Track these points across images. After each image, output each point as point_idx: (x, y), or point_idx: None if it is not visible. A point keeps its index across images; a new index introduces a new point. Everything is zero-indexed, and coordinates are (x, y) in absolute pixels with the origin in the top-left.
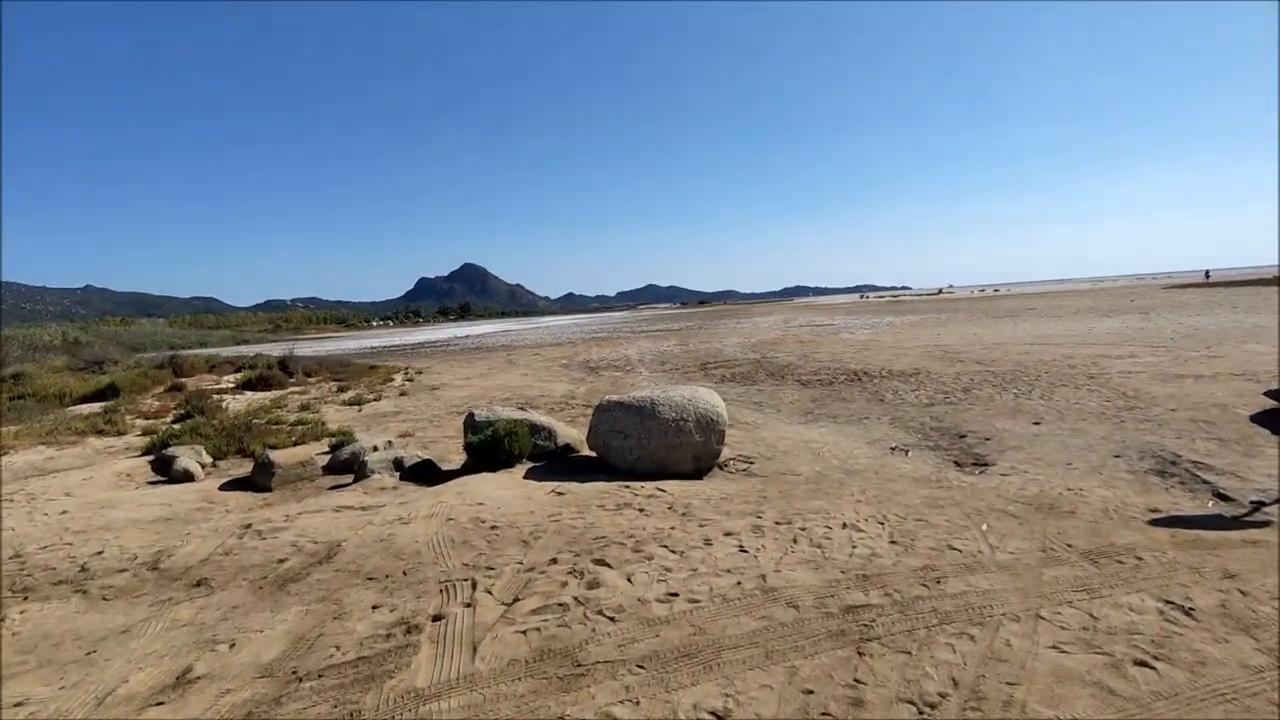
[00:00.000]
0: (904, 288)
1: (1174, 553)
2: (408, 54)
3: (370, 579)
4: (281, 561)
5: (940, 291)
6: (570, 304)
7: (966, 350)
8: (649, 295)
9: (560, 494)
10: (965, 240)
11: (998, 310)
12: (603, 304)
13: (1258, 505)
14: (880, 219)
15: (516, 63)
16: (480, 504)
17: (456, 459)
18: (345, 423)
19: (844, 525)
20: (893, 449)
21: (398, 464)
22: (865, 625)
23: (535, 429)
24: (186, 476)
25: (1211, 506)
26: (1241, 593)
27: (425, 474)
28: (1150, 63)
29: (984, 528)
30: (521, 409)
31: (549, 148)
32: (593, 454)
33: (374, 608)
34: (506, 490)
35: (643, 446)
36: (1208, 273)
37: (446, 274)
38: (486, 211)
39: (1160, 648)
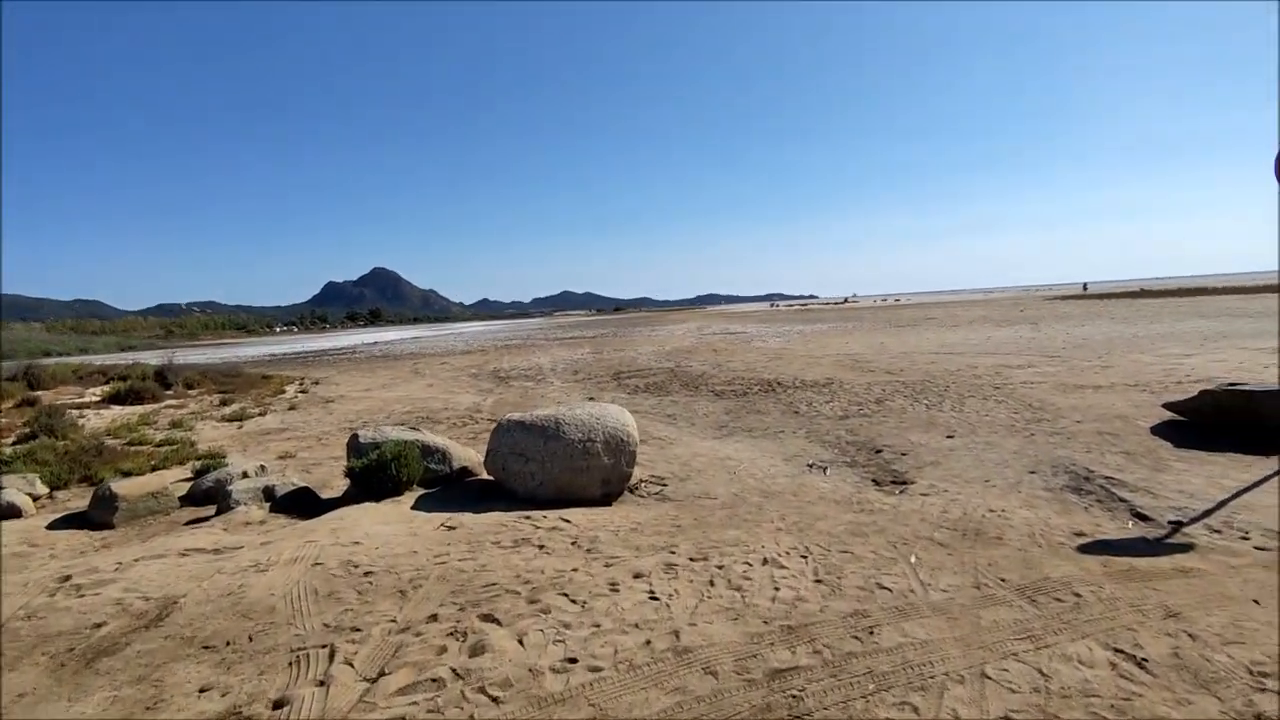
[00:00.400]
0: (811, 296)
1: (1111, 586)
2: (313, 47)
3: (207, 648)
4: (98, 627)
5: (846, 300)
6: (485, 310)
7: (875, 359)
8: (565, 301)
9: (451, 528)
10: (868, 252)
11: (900, 319)
12: (519, 310)
13: (1176, 526)
14: (789, 230)
15: (430, 63)
16: (356, 543)
17: (341, 484)
18: (220, 442)
19: (765, 561)
20: (810, 466)
21: (269, 493)
22: (794, 696)
23: (428, 451)
24: (11, 512)
25: (1132, 527)
26: (1191, 637)
27: (301, 504)
28: (1036, 87)
29: (913, 560)
30: (413, 428)
31: (465, 152)
32: (492, 478)
33: (201, 691)
34: (390, 524)
35: (546, 471)
36: (1085, 285)
37: (356, 278)
38: (399, 215)
39: (1122, 714)
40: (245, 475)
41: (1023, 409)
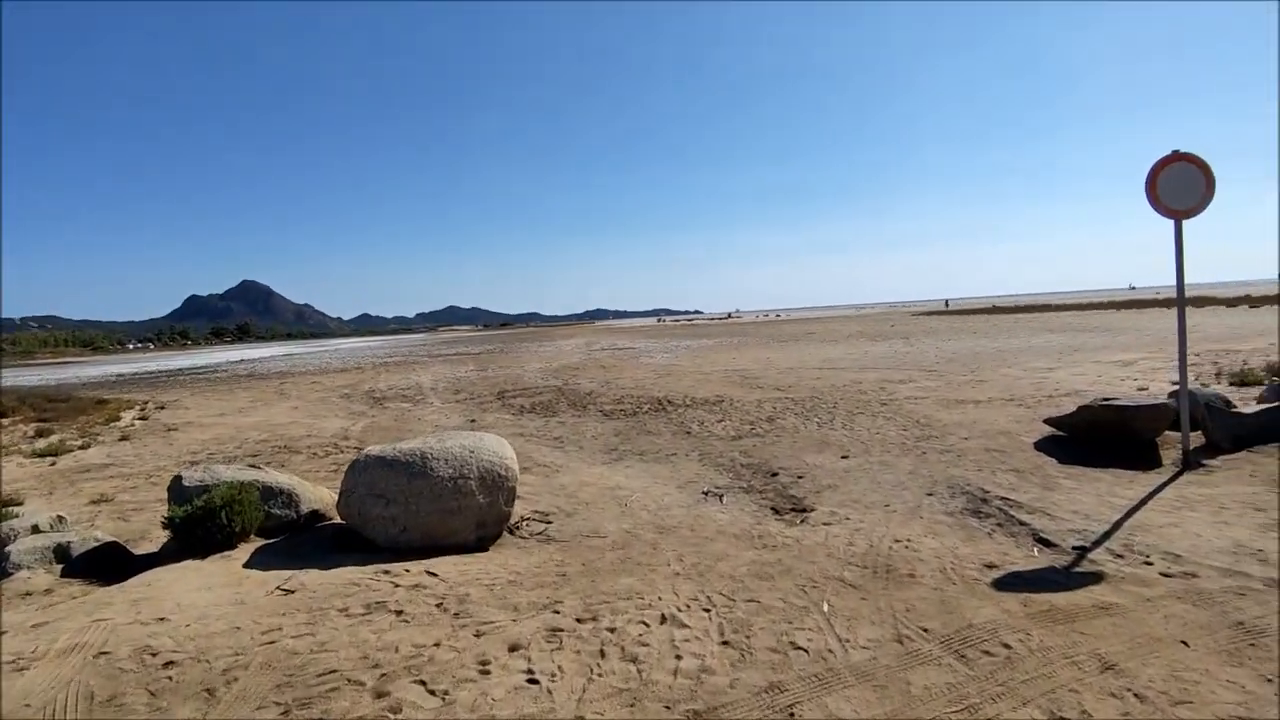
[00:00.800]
0: (697, 312)
1: (1038, 632)
2: (178, 42)
3: None
4: None
5: (729, 316)
6: (366, 325)
7: (764, 375)
8: (450, 317)
9: (289, 592)
10: (748, 269)
11: (783, 335)
12: (401, 325)
13: (1081, 552)
14: (675, 246)
15: (310, 67)
16: (162, 619)
17: (163, 536)
18: (21, 484)
19: (663, 618)
20: (706, 494)
21: (62, 552)
22: None
23: (270, 493)
24: None
25: (1038, 555)
26: (1138, 698)
27: (105, 565)
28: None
29: (826, 608)
30: (255, 465)
31: (340, 159)
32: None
33: None
34: (212, 589)
35: (410, 514)
36: (947, 301)
37: (223, 291)
38: (270, 224)
39: None
40: (36, 529)
41: (911, 425)
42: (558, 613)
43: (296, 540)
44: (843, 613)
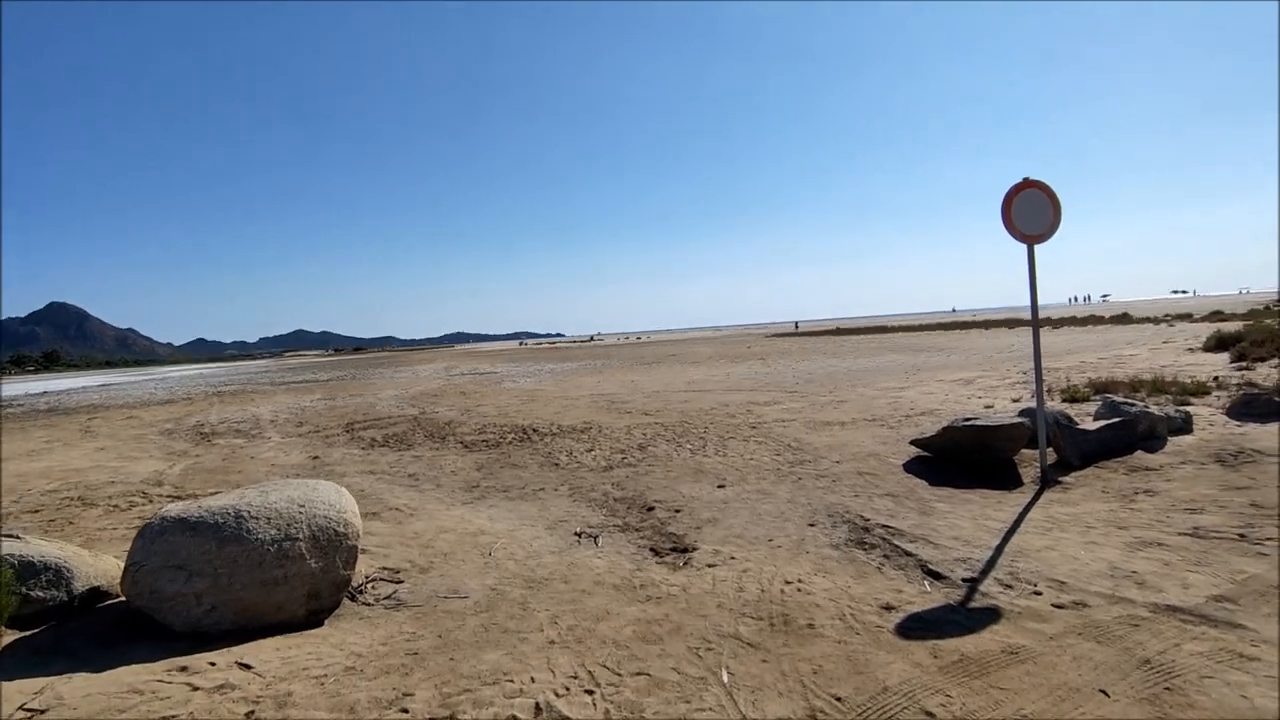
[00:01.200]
0: (559, 335)
1: (957, 693)
2: None
3: None
4: None
5: (591, 339)
6: (203, 351)
7: (630, 399)
8: (299, 341)
9: (36, 713)
10: (610, 291)
11: (646, 357)
12: (242, 351)
13: (972, 585)
14: (537, 268)
15: (126, 56)
16: None
17: None
18: None
19: (537, 709)
20: (579, 536)
21: None
22: None
23: (31, 569)
24: None
25: (930, 589)
26: None
27: None
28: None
29: (725, 678)
30: (12, 535)
31: (173, 166)
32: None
33: None
34: None
35: (221, 589)
36: (796, 324)
37: (25, 315)
38: (80, 239)
39: None
40: None
41: (783, 450)
42: (406, 710)
43: (65, 631)
44: (745, 681)
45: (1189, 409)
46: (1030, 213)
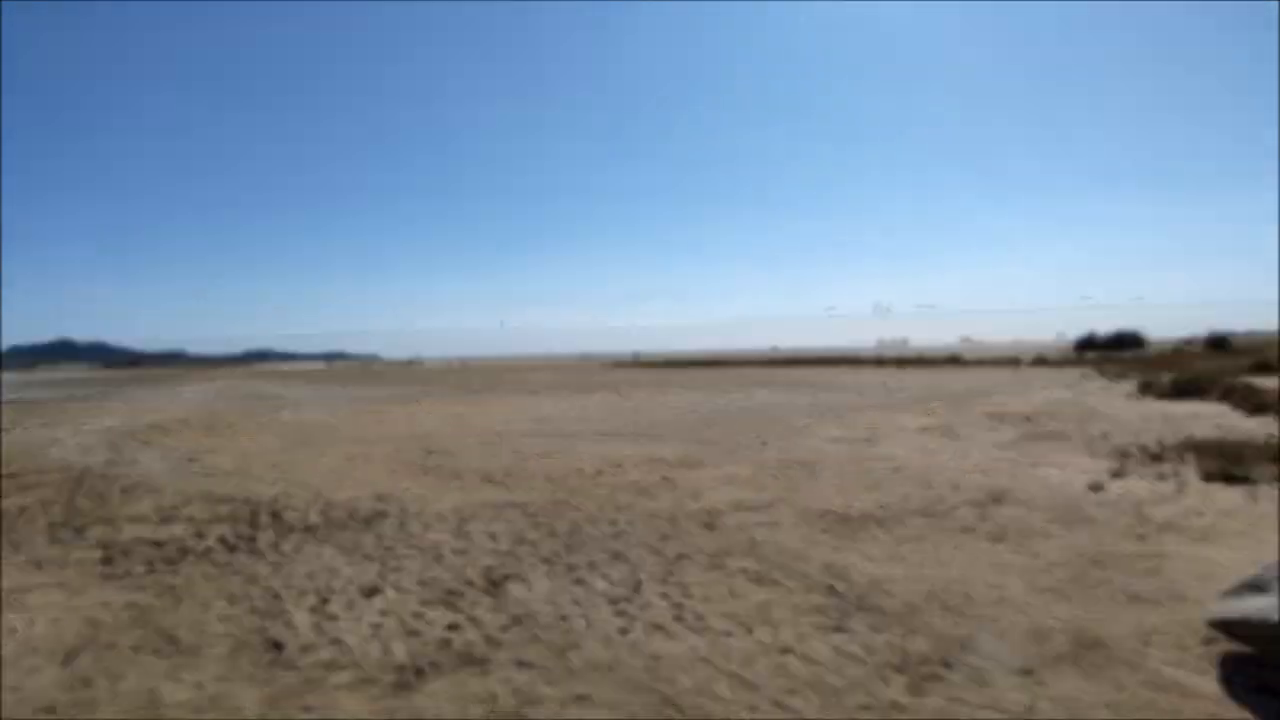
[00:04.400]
0: (374, 356)
1: None
2: None
3: None
4: None
5: (410, 362)
6: None
7: (460, 447)
8: (59, 353)
9: None
10: (434, 313)
11: (473, 384)
12: None
13: None
14: (351, 285)
15: None
16: None
17: None
18: None
19: None
20: None
21: None
22: None
23: None
24: None
25: None
26: None
27: None
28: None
29: None
30: None
31: None
32: None
33: None
34: None
35: None
36: (636, 354)
37: None
38: None
39: None
40: None
41: (829, 605)
42: None
43: None
44: None
45: None
46: None
